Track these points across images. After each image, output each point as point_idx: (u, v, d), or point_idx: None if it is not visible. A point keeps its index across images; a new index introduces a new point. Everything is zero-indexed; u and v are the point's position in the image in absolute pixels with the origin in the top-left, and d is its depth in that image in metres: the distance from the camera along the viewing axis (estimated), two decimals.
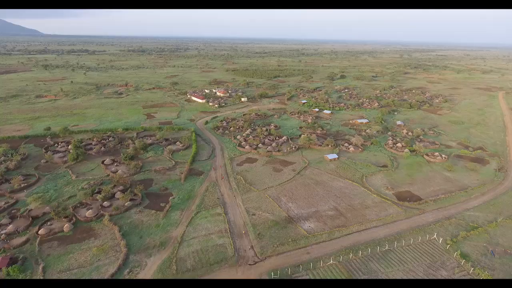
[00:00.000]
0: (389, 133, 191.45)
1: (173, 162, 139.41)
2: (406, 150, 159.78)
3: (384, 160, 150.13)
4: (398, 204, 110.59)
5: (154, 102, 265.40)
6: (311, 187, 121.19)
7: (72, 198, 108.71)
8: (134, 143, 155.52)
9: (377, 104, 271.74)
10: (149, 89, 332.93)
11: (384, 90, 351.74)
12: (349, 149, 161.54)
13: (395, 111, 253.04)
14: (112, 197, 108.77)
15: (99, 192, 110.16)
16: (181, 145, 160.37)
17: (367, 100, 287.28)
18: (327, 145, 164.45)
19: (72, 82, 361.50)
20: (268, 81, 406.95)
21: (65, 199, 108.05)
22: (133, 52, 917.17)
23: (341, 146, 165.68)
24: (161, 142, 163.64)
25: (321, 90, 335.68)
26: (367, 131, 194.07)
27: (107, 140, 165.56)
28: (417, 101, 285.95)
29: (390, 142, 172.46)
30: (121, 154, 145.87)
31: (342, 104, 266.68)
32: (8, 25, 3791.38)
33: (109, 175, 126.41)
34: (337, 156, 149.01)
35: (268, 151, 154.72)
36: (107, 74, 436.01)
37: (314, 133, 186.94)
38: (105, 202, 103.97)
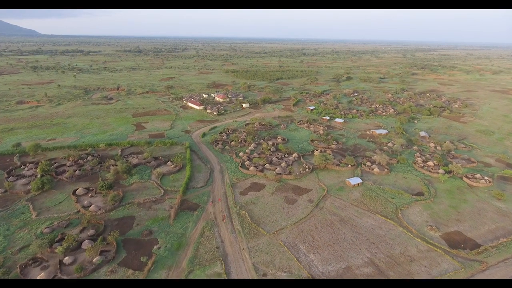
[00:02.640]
0: (415, 147, 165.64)
1: (162, 191, 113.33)
2: (441, 170, 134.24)
3: (417, 185, 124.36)
4: (451, 254, 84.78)
5: (146, 109, 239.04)
6: (336, 227, 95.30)
7: (24, 249, 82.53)
8: (116, 165, 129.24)
9: (392, 110, 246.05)
10: (142, 93, 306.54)
11: (396, 93, 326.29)
12: (373, 169, 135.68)
13: (414, 118, 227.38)
14: (78, 247, 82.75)
15: (61, 241, 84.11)
16: (172, 165, 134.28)
17: (381, 106, 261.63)
18: (347, 164, 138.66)
19: (59, 85, 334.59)
20: (270, 83, 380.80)
21: (15, 251, 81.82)
22: (129, 52, 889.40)
23: (362, 165, 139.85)
24: (149, 162, 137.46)
25: (328, 94, 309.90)
26: (388, 144, 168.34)
27: (84, 160, 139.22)
28: (435, 106, 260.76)
29: (419, 160, 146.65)
30: (99, 180, 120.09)
31: (354, 111, 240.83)
32: (5, 25, 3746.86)
33: (79, 211, 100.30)
34: (361, 181, 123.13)
35: (277, 173, 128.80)
36: (99, 77, 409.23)
37: (328, 148, 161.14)
38: (66, 258, 77.89)
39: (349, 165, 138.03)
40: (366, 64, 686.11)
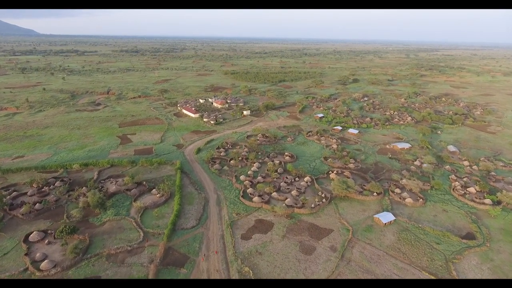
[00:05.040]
0: (447, 166, 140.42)
1: (141, 234, 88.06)
2: (488, 200, 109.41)
3: (463, 222, 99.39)
4: None
5: (135, 118, 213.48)
6: None
7: None
8: (87, 196, 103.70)
9: (410, 118, 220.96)
10: (134, 98, 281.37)
11: (410, 98, 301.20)
12: (404, 199, 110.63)
13: (436, 128, 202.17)
14: None
15: None
16: (158, 195, 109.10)
17: (396, 113, 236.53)
18: (371, 192, 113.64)
19: (44, 89, 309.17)
20: (272, 86, 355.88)
21: None
22: (126, 52, 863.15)
23: (390, 193, 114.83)
24: (130, 190, 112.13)
25: (336, 99, 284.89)
26: (415, 163, 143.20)
27: (51, 186, 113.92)
28: (455, 114, 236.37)
29: (457, 185, 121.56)
30: (64, 217, 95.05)
31: (368, 119, 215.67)
32: (3, 24, 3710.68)
33: (27, 268, 75.06)
34: (393, 218, 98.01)
35: (287, 205, 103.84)
36: (90, 79, 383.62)
37: (345, 168, 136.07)
38: None
39: (375, 193, 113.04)
40: (370, 64, 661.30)
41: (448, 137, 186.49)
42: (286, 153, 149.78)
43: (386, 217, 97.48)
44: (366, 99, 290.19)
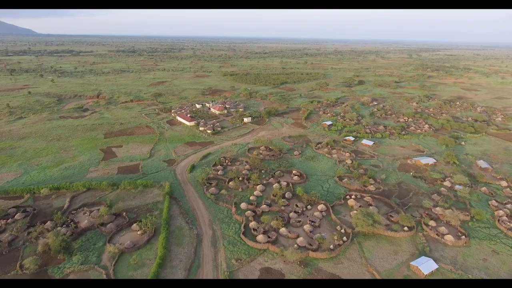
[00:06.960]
0: (483, 188, 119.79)
1: None
2: None
3: None
4: None
5: (124, 126, 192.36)
6: None
7: None
8: (49, 236, 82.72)
9: (427, 126, 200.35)
10: (125, 102, 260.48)
11: (422, 101, 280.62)
12: (443, 236, 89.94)
13: (459, 138, 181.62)
14: None
15: None
16: (139, 232, 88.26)
17: (411, 120, 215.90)
18: (402, 226, 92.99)
19: (29, 93, 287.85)
20: (274, 89, 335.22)
21: None
22: (123, 52, 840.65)
23: (423, 226, 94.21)
24: (105, 225, 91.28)
25: (344, 103, 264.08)
26: (445, 183, 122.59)
27: (10, 219, 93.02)
28: (476, 120, 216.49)
29: (501, 213, 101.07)
30: (16, 266, 74.25)
31: (381, 127, 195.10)
32: (1, 24, 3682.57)
33: None
34: (436, 266, 77.31)
35: (299, 247, 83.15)
36: (81, 81, 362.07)
37: (364, 190, 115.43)
38: None
39: (405, 228, 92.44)
40: (374, 65, 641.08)
41: (474, 149, 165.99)
42: (294, 172, 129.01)
43: (426, 265, 76.76)
44: (376, 103, 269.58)
